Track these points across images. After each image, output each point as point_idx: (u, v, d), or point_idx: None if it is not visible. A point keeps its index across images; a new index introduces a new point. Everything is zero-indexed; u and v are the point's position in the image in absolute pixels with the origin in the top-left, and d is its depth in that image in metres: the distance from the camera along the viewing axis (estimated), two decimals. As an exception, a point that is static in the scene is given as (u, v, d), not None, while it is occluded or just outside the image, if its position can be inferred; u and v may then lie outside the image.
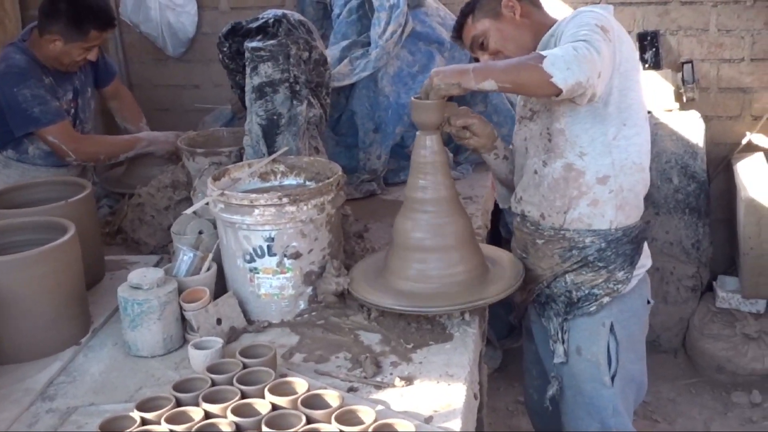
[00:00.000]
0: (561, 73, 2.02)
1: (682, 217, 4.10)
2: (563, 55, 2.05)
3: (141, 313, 2.10)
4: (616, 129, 2.30)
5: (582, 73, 2.04)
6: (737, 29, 4.07)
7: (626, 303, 2.43)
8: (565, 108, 2.29)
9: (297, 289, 2.29)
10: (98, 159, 3.31)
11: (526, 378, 2.85)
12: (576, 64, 2.03)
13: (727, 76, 4.15)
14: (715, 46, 4.11)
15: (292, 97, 2.62)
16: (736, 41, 4.09)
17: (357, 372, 2.01)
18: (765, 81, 4.14)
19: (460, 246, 2.26)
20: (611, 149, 2.31)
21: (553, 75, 2.02)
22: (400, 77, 3.42)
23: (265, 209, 2.20)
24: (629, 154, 2.33)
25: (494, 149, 2.54)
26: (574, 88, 2.05)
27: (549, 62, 2.04)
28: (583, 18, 2.19)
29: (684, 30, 4.11)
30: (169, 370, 2.08)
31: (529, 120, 2.43)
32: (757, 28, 4.06)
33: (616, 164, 2.32)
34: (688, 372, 4.13)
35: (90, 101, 3.49)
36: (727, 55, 4.12)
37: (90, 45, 3.21)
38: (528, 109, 2.43)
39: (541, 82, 2.04)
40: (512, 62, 2.14)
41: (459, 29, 2.53)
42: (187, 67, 4.60)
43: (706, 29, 4.09)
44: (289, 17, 2.69)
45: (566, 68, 2.03)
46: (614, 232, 2.36)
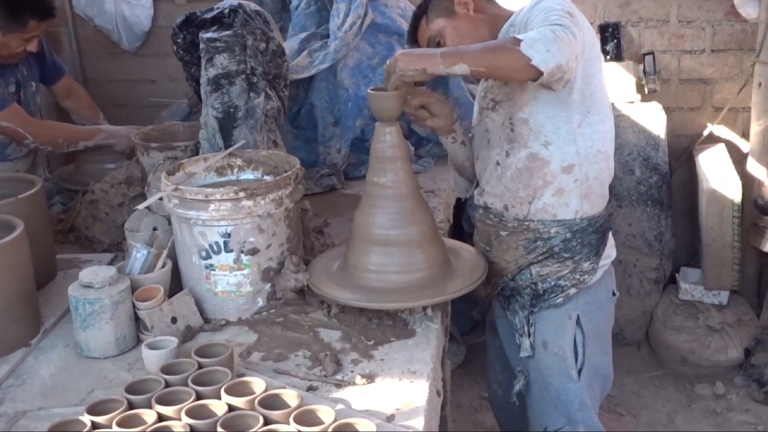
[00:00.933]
0: (541, 56, 1.99)
1: (644, 210, 4.10)
2: (541, 38, 2.01)
3: (92, 312, 2.04)
4: (580, 116, 2.27)
5: (562, 56, 2.01)
6: (698, 20, 4.09)
7: (592, 295, 2.41)
8: (529, 96, 2.26)
9: (255, 286, 2.24)
10: (57, 143, 3.22)
11: (490, 373, 2.82)
12: (556, 46, 2.00)
13: (688, 68, 4.17)
14: (676, 38, 4.12)
15: (249, 89, 2.56)
16: (696, 32, 4.10)
17: (317, 370, 1.97)
18: (725, 72, 4.16)
19: (422, 240, 2.22)
20: (576, 137, 2.28)
21: (532, 58, 1.98)
22: (360, 69, 3.38)
23: (221, 204, 2.15)
24: (594, 141, 2.30)
25: (452, 132, 2.48)
26: (554, 71, 2.02)
27: (527, 45, 2.00)
28: (548, 3, 2.16)
29: (645, 21, 4.12)
30: (123, 371, 2.02)
31: (491, 111, 2.39)
32: (718, 19, 4.07)
33: (581, 152, 2.29)
34: (651, 365, 4.14)
35: (35, 95, 3.42)
36: (688, 47, 4.13)
37: (29, 36, 3.15)
38: (489, 99, 2.39)
39: (520, 66, 2.00)
40: (486, 45, 2.10)
41: (414, 32, 2.49)
42: (142, 62, 4.53)
43: (667, 20, 4.10)
44: (246, 7, 2.63)
45: (546, 50, 1.99)
46: (579, 222, 2.34)
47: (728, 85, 4.17)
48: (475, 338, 3.97)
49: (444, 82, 3.55)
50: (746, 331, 4.01)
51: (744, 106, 4.16)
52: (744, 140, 4.22)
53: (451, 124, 2.45)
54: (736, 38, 4.10)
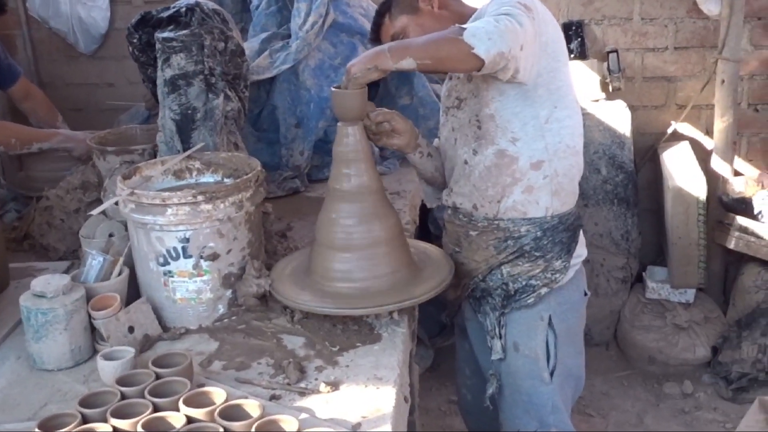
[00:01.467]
0: (482, 44, 1.97)
1: (611, 208, 4.09)
2: (484, 26, 1.99)
3: (45, 323, 1.97)
4: (547, 111, 2.24)
5: (504, 44, 1.99)
6: (660, 18, 4.09)
7: (564, 295, 2.38)
8: (494, 92, 2.22)
9: (215, 292, 2.18)
10: (9, 143, 3.13)
11: (459, 377, 2.78)
12: (497, 34, 1.98)
13: (652, 65, 4.17)
14: (639, 35, 4.13)
15: (208, 90, 2.50)
16: (659, 30, 4.11)
17: (280, 378, 1.92)
18: (689, 70, 4.17)
19: (388, 242, 2.17)
20: (544, 133, 2.25)
21: (474, 46, 1.96)
22: (322, 70, 3.33)
23: (179, 208, 2.09)
24: (562, 137, 2.27)
25: (417, 147, 2.45)
26: (497, 59, 2.00)
27: (469, 34, 1.98)
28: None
29: (608, 19, 4.12)
30: (78, 383, 1.95)
31: (456, 109, 2.35)
32: (680, 16, 4.08)
33: (549, 148, 2.26)
34: (620, 364, 4.14)
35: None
36: (651, 44, 4.14)
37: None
38: (454, 98, 2.36)
39: (463, 55, 1.98)
40: (431, 37, 2.07)
41: (377, 30, 2.45)
42: (100, 65, 4.45)
43: (630, 18, 4.11)
44: (203, 6, 2.57)
45: (487, 38, 1.97)
46: (550, 220, 2.31)
47: (691, 83, 4.18)
48: (443, 342, 3.93)
49: (408, 82, 3.52)
50: (713, 329, 4.01)
51: (707, 103, 4.17)
52: (708, 137, 4.23)
53: (416, 139, 2.43)
54: (699, 35, 4.12)
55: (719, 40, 3.96)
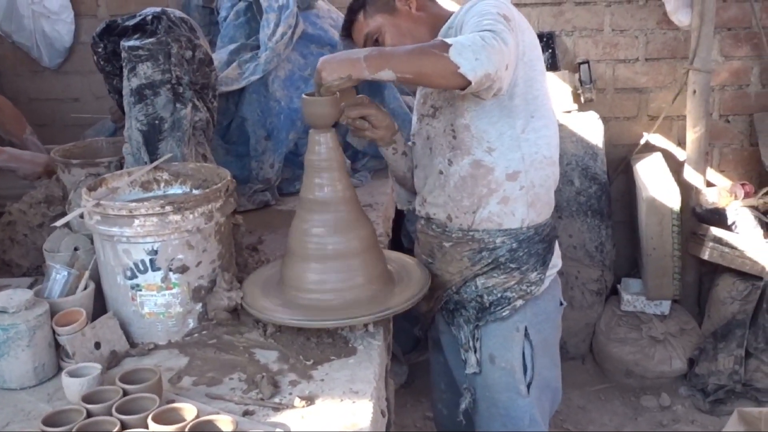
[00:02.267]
0: (469, 64, 1.89)
1: (584, 220, 4.07)
2: (471, 45, 1.91)
3: (7, 339, 1.90)
4: (524, 121, 2.20)
5: (491, 65, 1.91)
6: (631, 29, 4.10)
7: (539, 306, 2.34)
8: (470, 102, 2.18)
9: (185, 306, 2.12)
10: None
11: (434, 392, 2.73)
12: (485, 54, 1.90)
13: (623, 77, 4.17)
14: (610, 47, 4.14)
15: (175, 99, 2.44)
16: (630, 41, 4.12)
17: (253, 394, 1.86)
18: (659, 81, 4.18)
19: (362, 252, 2.12)
20: (520, 143, 2.21)
21: (460, 65, 1.89)
22: (292, 81, 3.28)
23: (147, 219, 2.03)
24: (539, 147, 2.24)
25: (393, 143, 2.41)
26: (483, 80, 1.93)
27: (455, 51, 1.90)
28: (483, 6, 2.08)
29: (579, 30, 4.12)
30: (42, 402, 1.88)
31: (431, 117, 2.31)
32: (650, 27, 4.09)
33: (526, 159, 2.22)
34: (596, 378, 4.11)
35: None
36: (622, 56, 4.15)
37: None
38: (429, 106, 2.31)
39: (448, 73, 1.91)
40: (413, 49, 1.99)
41: (349, 27, 2.39)
42: (65, 79, 4.38)
43: (600, 29, 4.12)
44: (170, 14, 2.51)
45: (474, 58, 1.89)
46: (526, 231, 2.27)
47: (663, 94, 4.19)
48: (417, 357, 3.89)
49: (379, 94, 3.48)
50: (689, 341, 4.00)
51: (679, 114, 4.18)
52: (680, 148, 4.24)
53: (392, 135, 2.38)
54: (669, 46, 4.13)
55: (690, 51, 3.97)
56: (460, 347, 2.38)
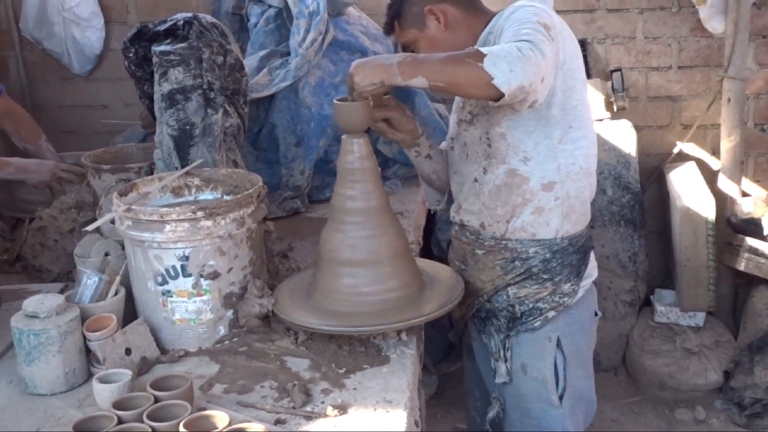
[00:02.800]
0: (503, 75, 1.86)
1: (617, 230, 4.02)
2: (506, 56, 1.88)
3: (38, 345, 1.89)
4: (561, 132, 2.17)
5: (525, 77, 1.88)
6: (664, 36, 4.04)
7: (573, 316, 2.30)
8: (506, 111, 2.15)
9: (216, 312, 2.10)
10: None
11: (468, 400, 2.70)
12: (520, 66, 1.87)
13: (656, 85, 4.12)
14: (642, 54, 4.08)
15: (206, 104, 2.43)
16: (663, 48, 4.06)
17: (284, 402, 1.84)
18: (693, 89, 4.12)
19: (394, 259, 2.09)
20: (557, 154, 2.18)
21: (494, 76, 1.86)
22: (322, 87, 3.27)
23: (178, 225, 2.01)
24: (576, 158, 2.20)
25: (415, 146, 2.39)
26: (517, 92, 1.90)
27: (490, 62, 1.87)
28: (523, 14, 2.05)
29: (611, 38, 4.07)
30: (72, 408, 1.87)
31: (468, 123, 2.28)
32: (684, 35, 4.03)
33: (562, 170, 2.19)
34: (629, 390, 4.05)
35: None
36: (655, 63, 4.09)
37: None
38: (467, 111, 2.28)
39: (481, 84, 1.88)
40: (447, 57, 1.96)
41: (389, 29, 2.38)
42: (94, 86, 4.38)
43: (633, 37, 4.06)
44: (201, 19, 2.51)
45: (509, 70, 1.86)
46: (560, 242, 2.24)
47: (696, 102, 4.12)
48: (448, 367, 3.84)
49: (410, 101, 3.45)
50: (724, 353, 3.92)
51: (713, 123, 4.11)
52: (714, 158, 4.17)
53: (415, 139, 2.36)
54: (703, 54, 4.06)
55: (724, 58, 3.91)
56: (491, 356, 2.35)
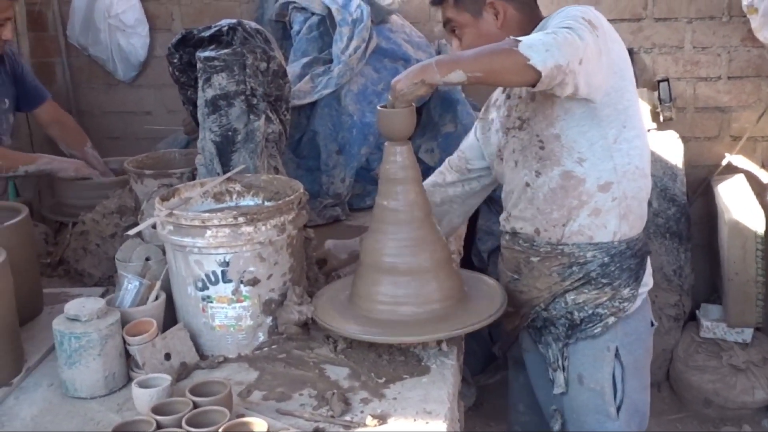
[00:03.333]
0: (539, 55, 1.87)
1: (662, 243, 3.95)
2: (541, 38, 1.90)
3: (79, 348, 1.89)
4: (616, 131, 2.13)
5: (562, 56, 1.88)
6: (713, 46, 3.98)
7: (631, 325, 2.26)
8: (560, 111, 2.12)
9: (255, 319, 2.09)
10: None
11: (512, 414, 2.65)
12: (556, 47, 1.88)
13: (704, 95, 4.05)
14: (691, 64, 4.01)
15: (249, 111, 2.43)
16: (712, 59, 3.99)
17: (323, 410, 1.82)
18: (743, 100, 4.04)
19: (436, 269, 2.06)
20: (612, 153, 2.14)
21: (530, 57, 1.87)
22: (365, 95, 3.27)
23: (219, 230, 2.00)
24: (631, 158, 2.17)
25: None
26: (553, 72, 1.89)
27: (525, 45, 1.88)
28: (570, 11, 2.05)
29: (659, 47, 4.01)
30: (111, 412, 1.87)
31: (518, 130, 2.24)
32: (734, 45, 3.96)
33: (618, 169, 2.15)
34: (673, 406, 3.97)
35: (7, 114, 3.30)
36: (704, 73, 4.02)
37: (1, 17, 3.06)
38: (515, 118, 2.25)
39: (518, 67, 1.88)
40: (482, 49, 1.97)
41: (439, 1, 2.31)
42: (138, 92, 4.41)
43: (681, 47, 4.00)
44: (245, 25, 2.52)
45: (545, 50, 1.87)
46: (618, 245, 2.19)
47: (746, 113, 4.05)
48: (486, 379, 3.80)
49: (452, 110, 3.45)
50: (772, 371, 3.83)
51: (763, 135, 4.05)
52: (764, 171, 4.10)
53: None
54: (754, 64, 3.99)
55: (776, 70, 3.84)
56: (548, 366, 2.31)
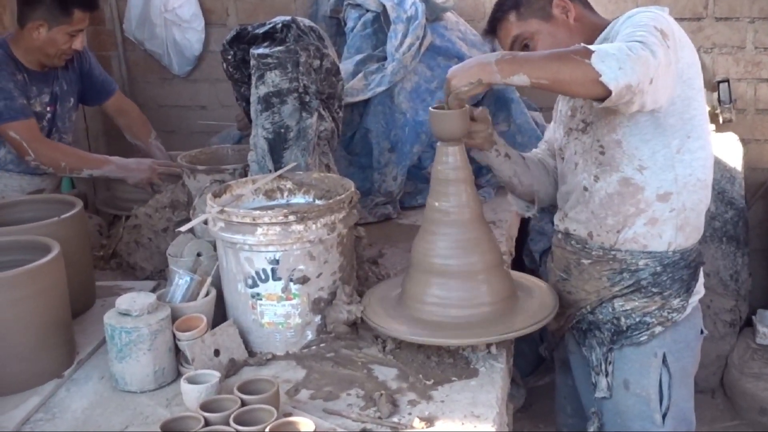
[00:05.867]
0: (612, 72, 1.79)
1: (719, 247, 3.87)
2: (615, 53, 1.82)
3: (129, 342, 1.91)
4: (680, 141, 2.09)
5: (634, 76, 1.81)
6: (777, 47, 3.87)
7: (680, 332, 2.22)
8: (624, 117, 2.07)
9: (304, 317, 2.09)
10: (59, 166, 3.14)
11: (560, 416, 2.62)
12: (629, 64, 1.80)
13: (766, 97, 3.95)
14: (752, 65, 3.92)
15: (302, 108, 2.43)
16: (775, 60, 3.89)
17: (371, 411, 1.81)
18: (806, 102, 3.93)
19: (487, 270, 2.04)
20: (674, 163, 2.10)
21: (602, 73, 1.79)
22: (418, 93, 3.24)
23: (270, 228, 2.01)
24: (693, 169, 2.12)
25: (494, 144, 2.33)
26: (623, 91, 1.82)
27: (598, 58, 1.80)
28: (640, 18, 1.98)
29: (719, 48, 3.92)
30: (160, 407, 1.88)
31: (581, 132, 2.20)
32: (797, 46, 3.85)
33: (679, 180, 2.11)
34: (727, 414, 3.88)
35: (71, 112, 3.37)
36: (766, 75, 3.92)
37: (75, 29, 3.13)
38: (579, 120, 2.20)
39: (587, 80, 1.81)
40: (551, 54, 1.91)
41: (495, 23, 2.27)
42: (193, 87, 4.45)
43: (742, 47, 3.90)
44: (299, 22, 2.51)
45: (618, 67, 1.80)
46: (671, 255, 2.16)
47: (808, 117, 3.94)
48: (536, 381, 3.77)
49: (506, 108, 3.41)
50: (830, 380, 3.73)
51: (825, 138, 3.92)
52: (825, 174, 3.98)
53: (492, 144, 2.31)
54: (816, 66, 3.88)
55: (841, 71, 3.73)
56: (591, 369, 2.28)
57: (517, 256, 3.36)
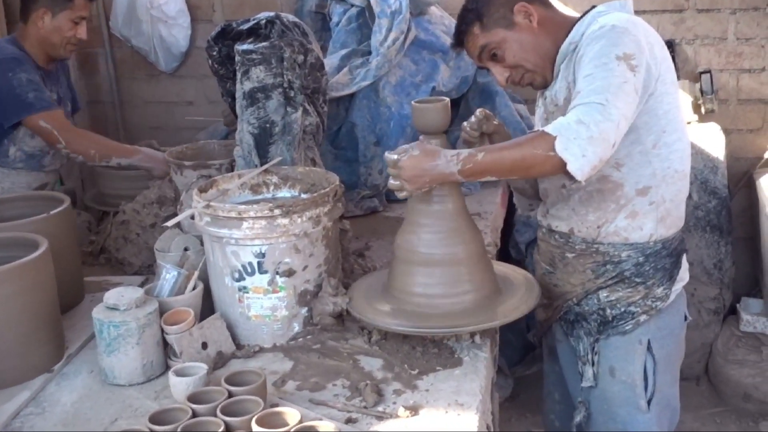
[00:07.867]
0: (577, 161, 1.85)
1: (702, 236, 3.90)
2: (576, 138, 1.85)
3: (118, 336, 1.93)
4: (655, 137, 2.11)
5: (596, 157, 1.87)
6: (757, 38, 3.90)
7: (664, 319, 2.24)
8: None
9: (290, 310, 2.11)
10: (89, 155, 3.10)
11: (547, 402, 2.64)
12: (591, 148, 1.85)
13: (748, 87, 3.97)
14: (734, 56, 3.94)
15: (287, 103, 2.45)
16: (756, 50, 3.92)
17: (356, 401, 1.84)
18: (787, 92, 3.96)
19: (470, 261, 2.07)
20: (651, 159, 2.12)
21: (568, 162, 1.85)
22: (403, 87, 3.26)
23: (255, 222, 2.03)
24: (671, 162, 2.14)
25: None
26: (591, 172, 1.89)
27: (561, 146, 1.85)
28: (603, 47, 1.97)
29: (701, 39, 3.94)
30: (149, 399, 1.91)
31: None
32: (778, 36, 3.88)
33: (657, 174, 2.14)
34: (712, 400, 3.92)
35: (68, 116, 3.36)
36: (747, 65, 3.94)
37: (77, 15, 3.16)
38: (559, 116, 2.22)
39: (556, 170, 1.90)
40: (514, 152, 1.93)
41: (461, 36, 2.27)
42: (180, 83, 4.45)
43: (724, 38, 3.92)
44: (283, 18, 2.54)
45: (582, 155, 1.85)
46: (653, 245, 2.18)
47: (790, 106, 3.97)
48: (523, 370, 3.80)
49: (490, 101, 3.43)
50: (813, 366, 3.77)
51: (807, 127, 3.95)
52: (808, 163, 4.01)
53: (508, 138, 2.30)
54: (798, 56, 3.91)
55: (821, 61, 3.76)
56: (578, 359, 2.31)
57: (503, 247, 3.39)
